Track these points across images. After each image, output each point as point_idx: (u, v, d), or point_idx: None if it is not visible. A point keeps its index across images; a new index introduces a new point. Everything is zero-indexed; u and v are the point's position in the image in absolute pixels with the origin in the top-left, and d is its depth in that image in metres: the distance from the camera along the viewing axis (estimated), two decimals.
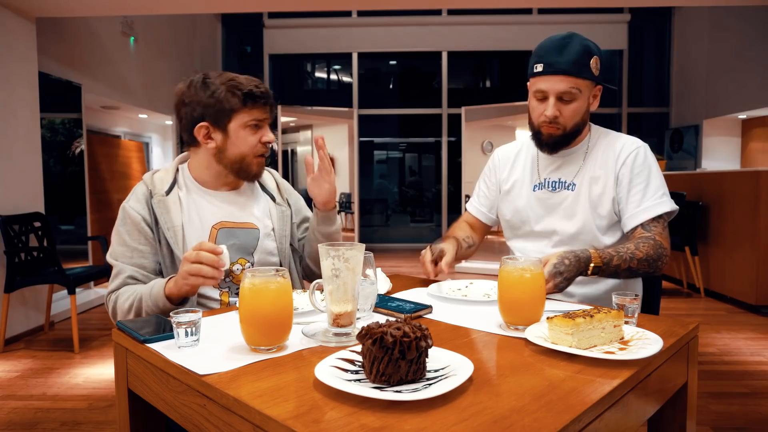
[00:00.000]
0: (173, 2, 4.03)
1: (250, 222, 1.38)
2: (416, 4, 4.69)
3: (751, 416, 2.29)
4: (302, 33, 8.09)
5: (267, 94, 1.32)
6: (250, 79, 1.32)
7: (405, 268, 6.28)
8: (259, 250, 1.37)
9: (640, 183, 1.38)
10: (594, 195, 1.42)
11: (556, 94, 1.36)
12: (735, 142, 6.70)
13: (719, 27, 6.45)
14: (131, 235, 1.28)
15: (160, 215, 1.29)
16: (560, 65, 1.34)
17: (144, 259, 1.28)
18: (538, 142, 1.46)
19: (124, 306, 1.20)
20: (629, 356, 0.79)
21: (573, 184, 1.45)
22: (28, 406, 2.46)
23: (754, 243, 3.95)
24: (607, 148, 1.45)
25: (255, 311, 0.84)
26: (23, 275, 3.27)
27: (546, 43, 1.39)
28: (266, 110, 1.33)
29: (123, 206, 1.31)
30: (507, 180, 1.58)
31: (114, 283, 1.26)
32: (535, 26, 7.91)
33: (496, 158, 1.65)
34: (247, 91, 1.28)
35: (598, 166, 1.43)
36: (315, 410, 0.64)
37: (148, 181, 1.34)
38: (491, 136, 6.28)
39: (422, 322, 1.04)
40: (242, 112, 1.29)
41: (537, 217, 1.50)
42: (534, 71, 1.38)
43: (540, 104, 1.40)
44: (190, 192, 1.36)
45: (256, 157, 1.34)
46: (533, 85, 1.40)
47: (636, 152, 1.41)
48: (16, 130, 3.56)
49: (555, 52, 1.35)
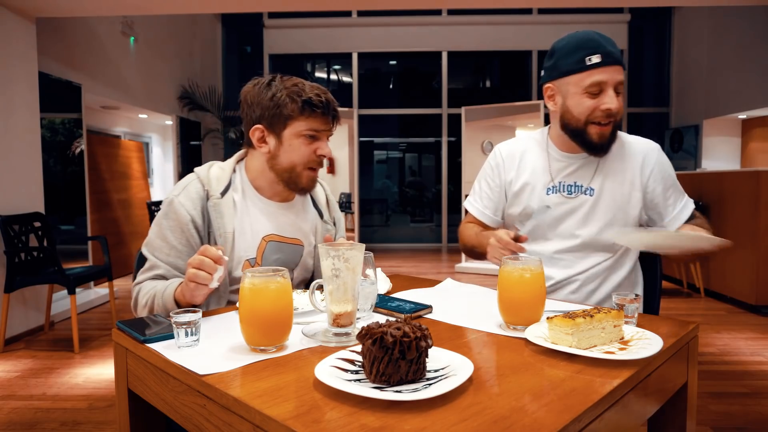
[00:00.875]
0: (173, 2, 4.03)
1: (298, 238, 1.36)
2: (416, 4, 4.69)
3: (751, 416, 2.29)
4: (302, 33, 8.09)
5: (328, 104, 1.25)
6: (315, 86, 1.26)
7: (405, 268, 6.28)
8: (300, 267, 1.36)
9: (670, 187, 1.42)
10: (618, 201, 1.39)
11: (614, 85, 1.30)
12: (735, 142, 6.70)
13: (719, 27, 6.45)
14: (173, 232, 1.22)
15: (215, 220, 1.24)
16: (616, 55, 1.29)
17: (180, 260, 1.22)
18: (584, 143, 1.36)
19: (142, 301, 1.18)
20: (629, 356, 0.79)
21: (591, 189, 1.41)
22: (28, 406, 2.46)
23: (754, 243, 3.95)
24: (622, 151, 1.42)
25: (255, 311, 0.84)
26: (23, 275, 3.27)
27: (587, 35, 1.31)
28: (326, 121, 1.26)
29: (171, 200, 1.24)
30: (515, 181, 1.50)
31: (144, 275, 1.22)
32: (535, 26, 7.92)
33: (499, 156, 1.55)
34: (306, 99, 1.22)
35: (617, 171, 1.40)
36: (315, 410, 0.64)
37: (204, 179, 1.27)
38: (491, 136, 6.28)
39: (422, 322, 1.04)
40: (299, 120, 1.23)
41: (552, 221, 1.44)
42: (588, 63, 1.28)
43: (592, 98, 1.31)
44: (246, 197, 1.31)
45: (306, 169, 1.27)
46: (586, 78, 1.30)
47: (658, 157, 1.41)
48: (16, 130, 3.56)
49: (605, 42, 1.29)
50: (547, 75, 1.40)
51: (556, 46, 1.36)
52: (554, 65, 1.36)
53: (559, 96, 1.38)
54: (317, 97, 1.23)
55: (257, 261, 1.30)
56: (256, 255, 1.30)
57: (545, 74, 1.41)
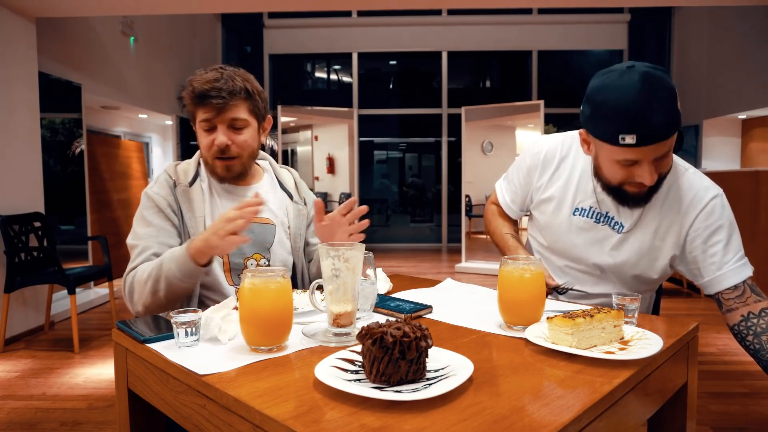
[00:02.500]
0: (173, 2, 4.03)
1: (267, 218, 1.37)
2: (416, 4, 4.70)
3: (751, 416, 2.29)
4: (302, 33, 8.10)
5: (204, 93, 1.21)
6: (209, 75, 1.24)
7: (405, 268, 6.28)
8: (275, 246, 1.36)
9: (718, 242, 1.20)
10: (647, 246, 1.25)
11: (653, 158, 1.10)
12: (735, 142, 6.70)
13: (719, 27, 6.45)
14: (157, 216, 1.26)
15: (183, 204, 1.28)
16: (659, 131, 1.05)
17: (171, 239, 1.24)
18: (618, 197, 1.22)
19: (143, 277, 1.15)
20: (629, 356, 0.79)
21: (620, 225, 1.26)
22: (28, 406, 2.46)
23: (754, 243, 3.95)
24: (671, 190, 1.24)
25: (255, 311, 0.84)
26: (23, 275, 3.27)
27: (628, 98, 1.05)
28: (214, 108, 1.22)
29: (146, 192, 1.28)
30: (545, 188, 1.37)
31: (136, 260, 1.20)
32: (535, 26, 7.92)
33: (540, 156, 1.37)
34: (192, 90, 1.23)
35: (657, 212, 1.24)
36: (315, 410, 0.64)
37: (172, 172, 1.32)
38: (491, 136, 6.28)
39: (422, 322, 1.04)
40: (197, 113, 1.26)
41: (572, 244, 1.33)
42: (621, 142, 1.07)
43: (626, 169, 1.14)
44: (211, 185, 1.35)
45: (214, 160, 1.29)
46: (618, 153, 1.11)
47: (710, 203, 1.20)
48: (16, 130, 3.56)
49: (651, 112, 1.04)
50: (581, 118, 1.20)
51: (594, 99, 1.11)
52: (588, 118, 1.15)
53: (593, 146, 1.21)
54: (201, 87, 1.22)
55: None
56: None
57: (581, 116, 1.20)
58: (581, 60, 8.38)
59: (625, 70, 1.08)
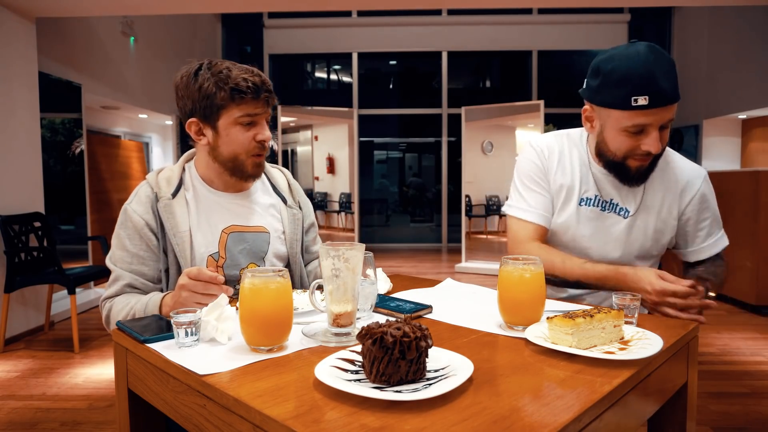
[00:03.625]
0: (173, 2, 4.03)
1: (261, 225, 1.33)
2: (416, 4, 4.70)
3: (751, 416, 2.29)
4: (302, 33, 8.10)
5: (258, 87, 1.18)
6: (242, 69, 1.19)
7: (405, 268, 6.28)
8: (270, 254, 1.32)
9: (707, 218, 1.34)
10: (652, 228, 1.33)
11: (660, 125, 1.16)
12: (735, 142, 6.70)
13: (719, 27, 6.45)
14: (132, 239, 1.21)
15: (167, 221, 1.21)
16: (668, 94, 1.12)
17: (144, 266, 1.21)
18: (619, 174, 1.28)
19: (118, 315, 1.15)
20: (629, 356, 0.79)
21: (625, 210, 1.32)
22: (28, 406, 2.46)
23: (754, 243, 3.95)
24: (665, 175, 1.33)
25: (255, 311, 0.84)
26: (23, 275, 3.27)
27: (639, 63, 1.13)
28: (259, 104, 1.20)
29: (125, 208, 1.24)
30: (554, 181, 1.38)
31: (111, 289, 1.20)
32: (535, 26, 7.93)
33: (542, 153, 1.39)
34: (233, 85, 1.16)
35: (656, 196, 1.32)
36: (315, 410, 0.64)
37: (153, 183, 1.26)
38: (491, 136, 6.28)
39: (422, 322, 1.04)
40: (231, 108, 1.18)
41: (579, 235, 1.36)
42: (633, 105, 1.13)
43: (633, 138, 1.19)
44: (197, 193, 1.29)
45: (250, 157, 1.24)
46: (628, 119, 1.16)
47: (701, 187, 1.32)
48: (16, 130, 3.57)
49: (659, 75, 1.11)
50: (586, 94, 1.25)
51: (603, 68, 1.18)
52: (597, 89, 1.20)
53: (597, 122, 1.26)
54: (244, 82, 1.17)
55: (221, 255, 1.26)
56: (218, 249, 1.26)
57: (586, 92, 1.26)
58: (581, 60, 8.38)
59: (629, 44, 1.18)
